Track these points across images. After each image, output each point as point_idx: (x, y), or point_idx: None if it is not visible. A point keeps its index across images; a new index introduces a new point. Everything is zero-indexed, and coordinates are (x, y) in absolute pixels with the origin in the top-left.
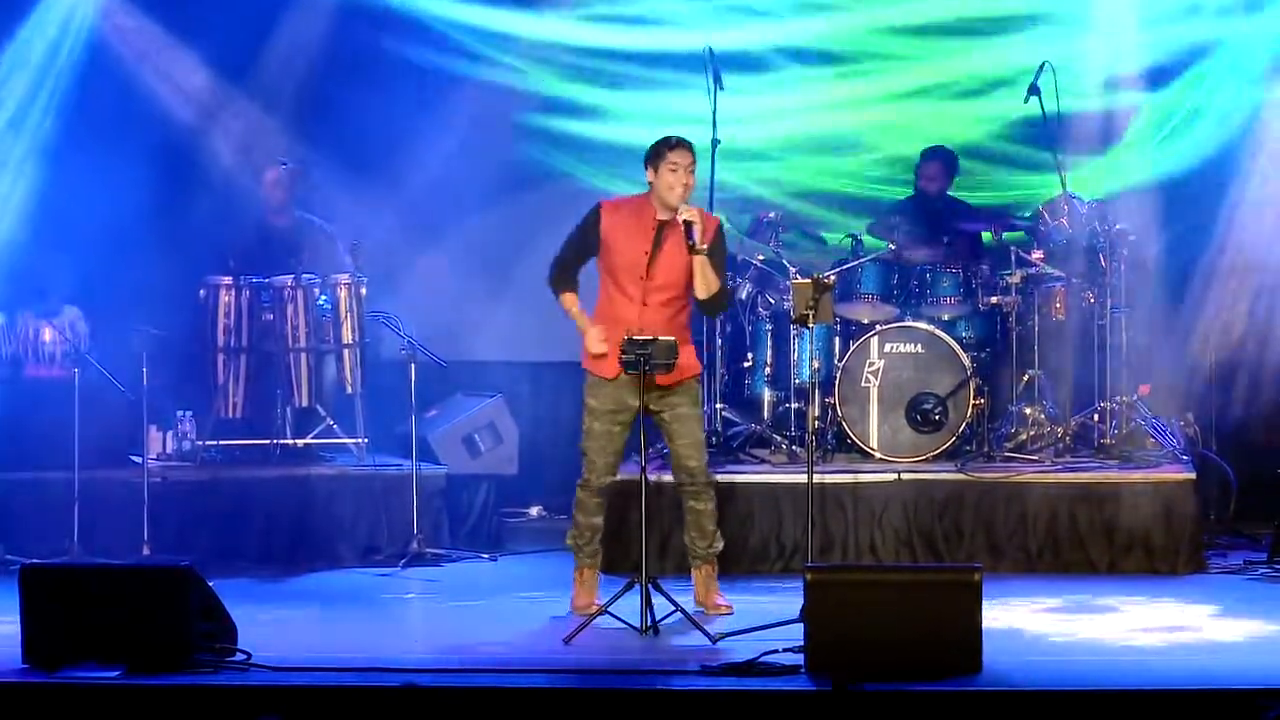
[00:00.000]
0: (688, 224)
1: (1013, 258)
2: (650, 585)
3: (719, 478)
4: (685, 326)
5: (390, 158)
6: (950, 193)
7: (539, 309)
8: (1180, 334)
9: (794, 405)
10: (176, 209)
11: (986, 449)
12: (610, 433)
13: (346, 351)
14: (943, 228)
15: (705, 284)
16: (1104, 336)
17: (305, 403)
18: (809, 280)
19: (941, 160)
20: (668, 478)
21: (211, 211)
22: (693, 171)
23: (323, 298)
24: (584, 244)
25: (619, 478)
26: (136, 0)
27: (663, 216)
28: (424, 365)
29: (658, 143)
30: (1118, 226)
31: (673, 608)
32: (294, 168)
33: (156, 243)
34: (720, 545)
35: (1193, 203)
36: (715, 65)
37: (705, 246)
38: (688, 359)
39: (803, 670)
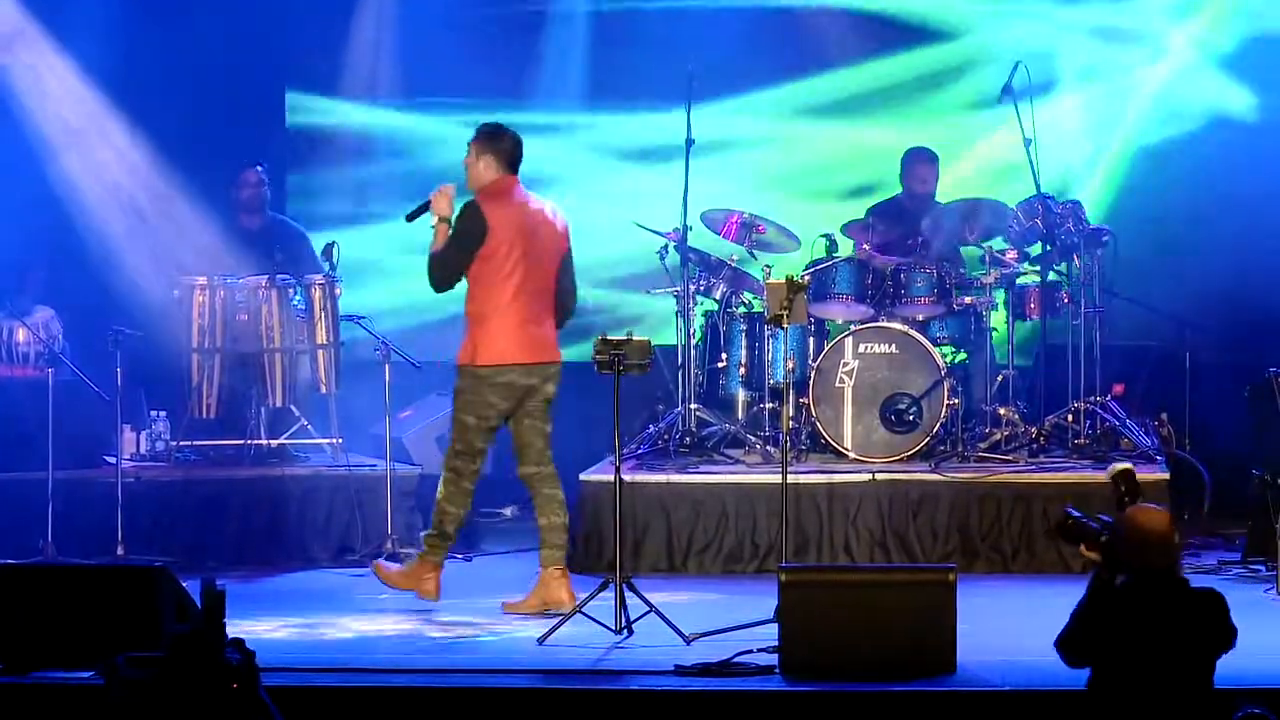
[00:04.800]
0: None
1: (987, 258)
2: (624, 585)
3: (694, 478)
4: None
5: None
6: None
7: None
8: (1156, 331)
9: (768, 405)
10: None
11: (961, 449)
12: None
13: (321, 352)
14: (922, 230)
15: None
16: (1078, 336)
17: (279, 403)
18: (783, 280)
19: (934, 162)
20: (641, 477)
21: (186, 211)
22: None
23: (297, 298)
24: None
25: (592, 478)
26: None
27: None
28: (398, 366)
29: None
30: (1092, 226)
31: (647, 608)
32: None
33: (130, 242)
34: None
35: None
36: (690, 65)
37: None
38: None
39: (777, 670)
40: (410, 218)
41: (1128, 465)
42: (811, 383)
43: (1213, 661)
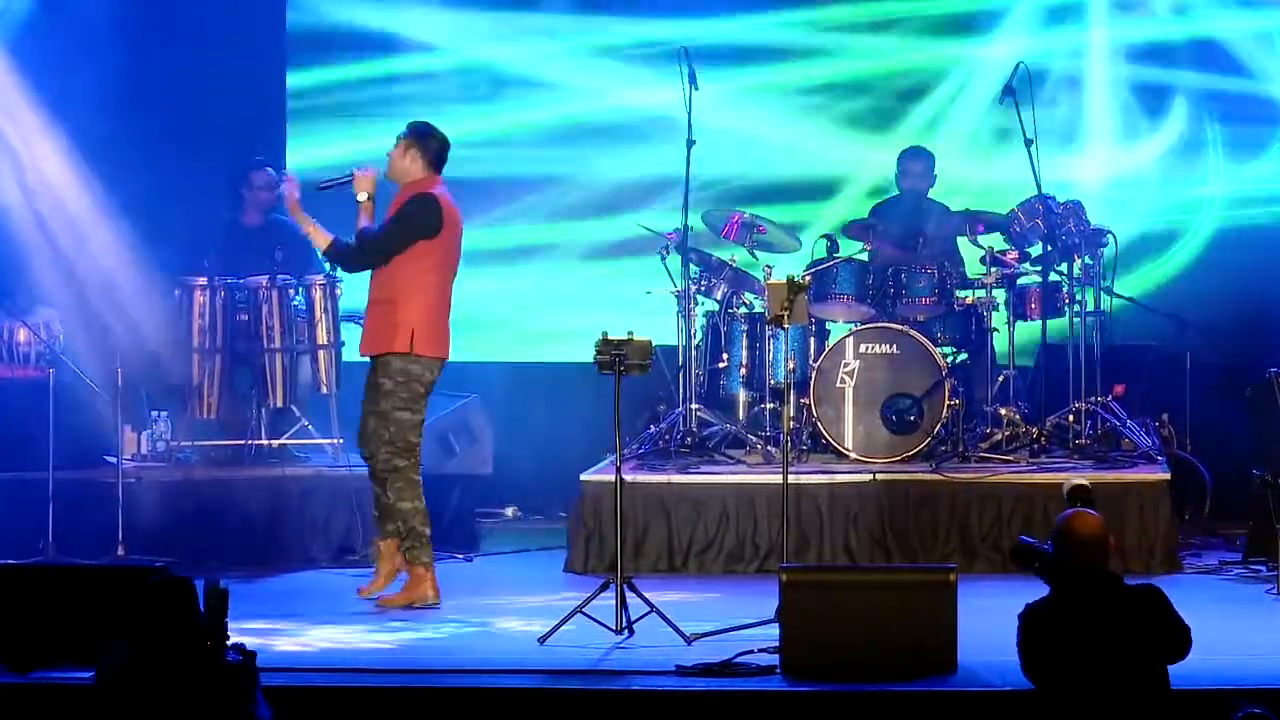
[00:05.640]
0: None
1: (987, 258)
2: (625, 585)
3: (694, 478)
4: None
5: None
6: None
7: (514, 308)
8: (1157, 331)
9: (769, 406)
10: (150, 208)
11: (961, 449)
12: None
13: (321, 352)
14: (922, 229)
15: None
16: (1078, 336)
17: (280, 403)
18: (784, 281)
19: (926, 159)
20: (642, 477)
21: (185, 211)
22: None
23: (298, 298)
24: None
25: (593, 478)
26: None
27: None
28: None
29: None
30: (1093, 226)
31: (648, 608)
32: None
33: (131, 242)
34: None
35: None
36: (690, 65)
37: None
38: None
39: (778, 671)
40: (323, 187)
41: (1083, 482)
42: (812, 383)
43: (1163, 661)
